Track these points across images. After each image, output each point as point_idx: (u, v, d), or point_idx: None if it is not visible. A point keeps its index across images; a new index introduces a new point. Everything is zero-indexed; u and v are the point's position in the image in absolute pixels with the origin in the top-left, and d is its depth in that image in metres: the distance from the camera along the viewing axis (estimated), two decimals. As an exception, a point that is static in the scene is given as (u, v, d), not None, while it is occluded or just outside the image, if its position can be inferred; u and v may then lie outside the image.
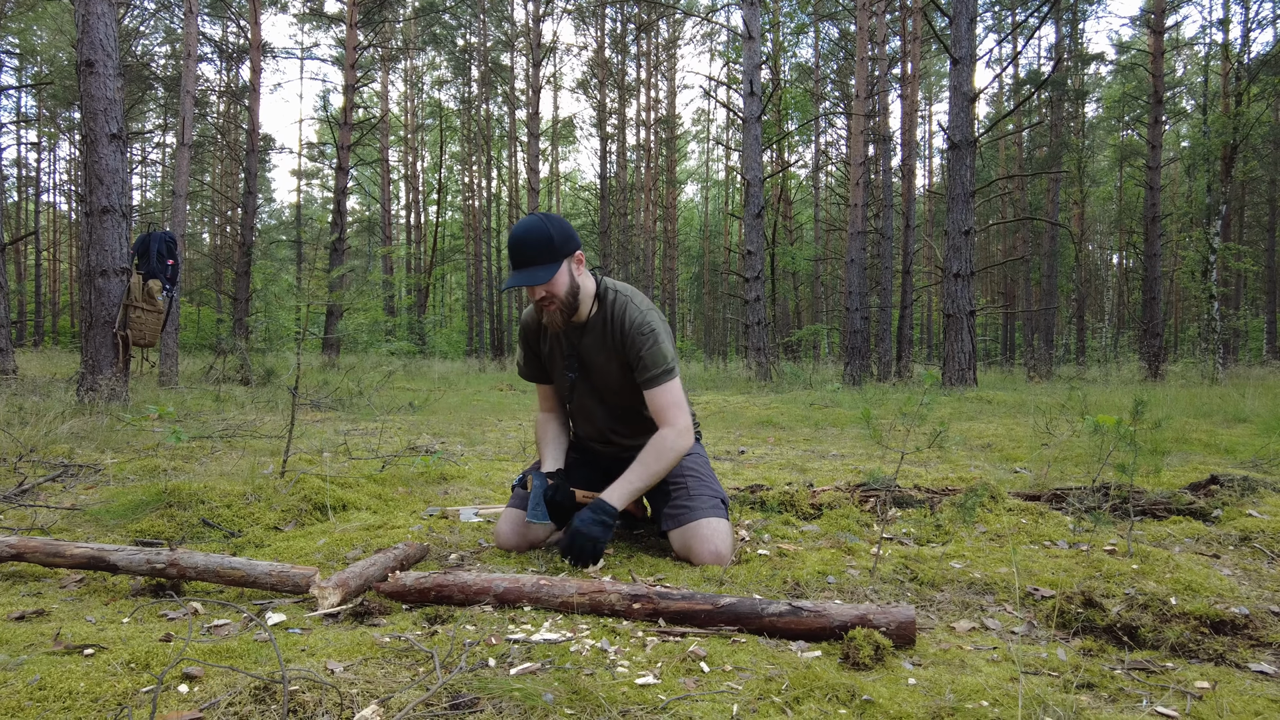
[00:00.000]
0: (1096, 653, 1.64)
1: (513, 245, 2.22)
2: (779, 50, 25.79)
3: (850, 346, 15.29)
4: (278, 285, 14.74)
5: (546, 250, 2.21)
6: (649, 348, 2.31)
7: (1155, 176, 16.74)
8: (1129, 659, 1.60)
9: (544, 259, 2.21)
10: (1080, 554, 2.28)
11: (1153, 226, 16.76)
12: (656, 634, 1.67)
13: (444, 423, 6.78)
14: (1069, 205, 27.21)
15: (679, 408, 2.34)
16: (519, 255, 2.22)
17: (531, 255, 2.20)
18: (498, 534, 2.41)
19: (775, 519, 2.72)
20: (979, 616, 1.86)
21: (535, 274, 2.21)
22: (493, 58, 30.23)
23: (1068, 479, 3.67)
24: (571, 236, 2.27)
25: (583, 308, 2.35)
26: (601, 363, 2.40)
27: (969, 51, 11.36)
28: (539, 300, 2.27)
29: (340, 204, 18.23)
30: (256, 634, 1.64)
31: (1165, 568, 2.09)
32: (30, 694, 1.29)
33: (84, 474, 3.63)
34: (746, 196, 14.30)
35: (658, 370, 2.31)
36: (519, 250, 2.21)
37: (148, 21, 23.24)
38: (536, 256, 2.21)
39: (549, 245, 2.21)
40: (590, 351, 2.40)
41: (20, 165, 30.94)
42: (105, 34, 6.53)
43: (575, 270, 2.29)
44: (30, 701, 1.27)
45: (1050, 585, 2.02)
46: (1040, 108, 25.38)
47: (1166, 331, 24.27)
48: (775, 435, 6.08)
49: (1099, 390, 9.48)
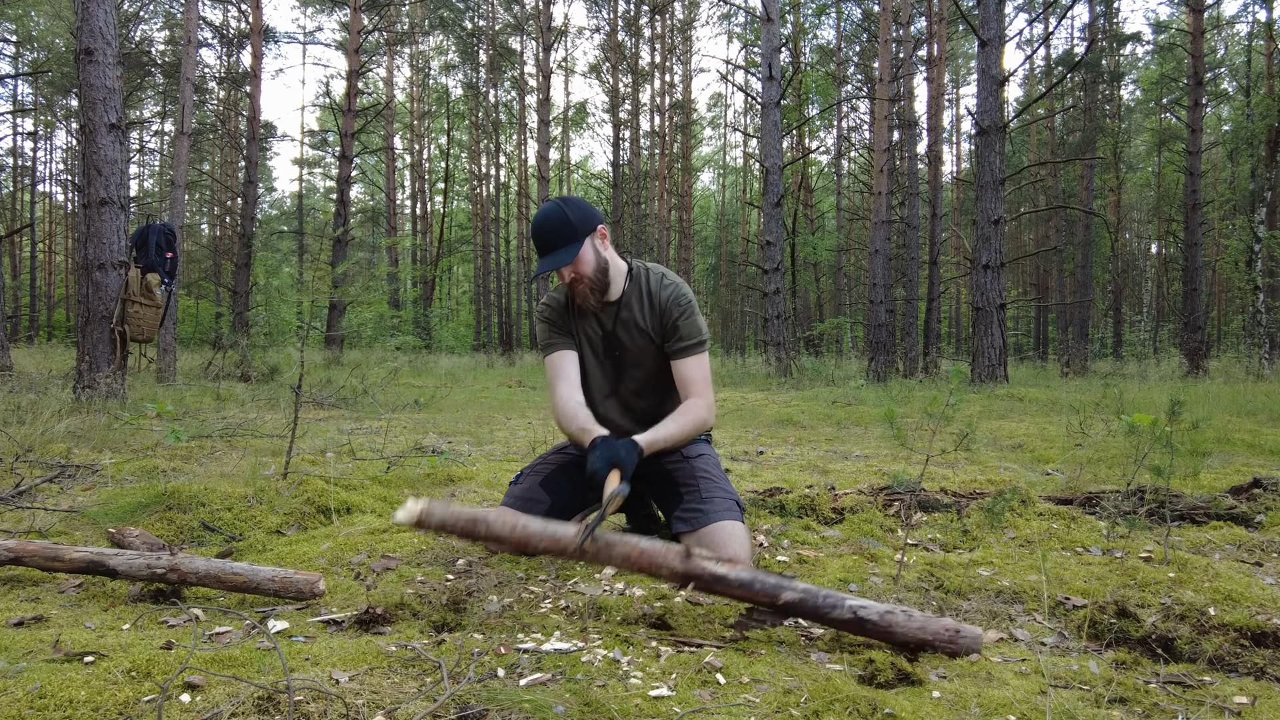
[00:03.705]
0: (1130, 665, 1.64)
1: (535, 234, 2.32)
2: (799, 32, 25.67)
3: (874, 341, 15.22)
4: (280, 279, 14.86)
5: (566, 231, 2.29)
6: (686, 318, 2.39)
7: (1196, 161, 16.55)
8: (1164, 672, 1.60)
9: (565, 240, 2.29)
10: (1114, 561, 2.26)
11: (1193, 214, 16.58)
12: (671, 644, 1.68)
13: (451, 421, 6.81)
14: (1104, 192, 26.94)
15: (708, 383, 2.41)
16: (541, 242, 2.31)
17: (553, 239, 2.29)
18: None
19: (795, 524, 2.72)
20: (1007, 626, 1.86)
21: (559, 257, 2.29)
22: (501, 41, 30.27)
23: (1102, 482, 3.64)
24: (591, 214, 2.35)
25: (614, 285, 2.42)
26: (636, 340, 2.45)
27: (998, 32, 11.27)
28: (570, 282, 2.35)
29: (344, 194, 18.31)
30: (259, 642, 1.66)
31: (1204, 576, 2.08)
32: (30, 702, 1.31)
33: (81, 474, 3.68)
34: (765, 184, 14.26)
35: (692, 340, 2.39)
36: (540, 237, 2.31)
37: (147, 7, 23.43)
38: (558, 240, 2.29)
39: (568, 226, 2.29)
40: (625, 328, 2.45)
41: (16, 155, 31.26)
42: (105, 21, 6.59)
43: (600, 245, 2.37)
44: (30, 710, 1.29)
45: (1082, 594, 2.01)
46: (1074, 90, 25.12)
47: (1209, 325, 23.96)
48: (795, 434, 6.07)
49: (1136, 387, 9.40)
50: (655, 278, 2.44)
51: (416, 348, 19.78)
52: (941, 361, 16.70)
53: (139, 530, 2.48)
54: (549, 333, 2.52)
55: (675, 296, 2.40)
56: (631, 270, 2.46)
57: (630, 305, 2.43)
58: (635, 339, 2.44)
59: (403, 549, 2.42)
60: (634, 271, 2.46)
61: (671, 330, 2.40)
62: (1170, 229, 24.67)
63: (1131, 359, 19.08)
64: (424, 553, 2.40)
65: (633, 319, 2.43)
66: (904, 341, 18.13)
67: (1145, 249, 37.55)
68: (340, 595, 2.02)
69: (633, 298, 2.43)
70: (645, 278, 2.45)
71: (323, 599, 1.95)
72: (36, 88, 29.77)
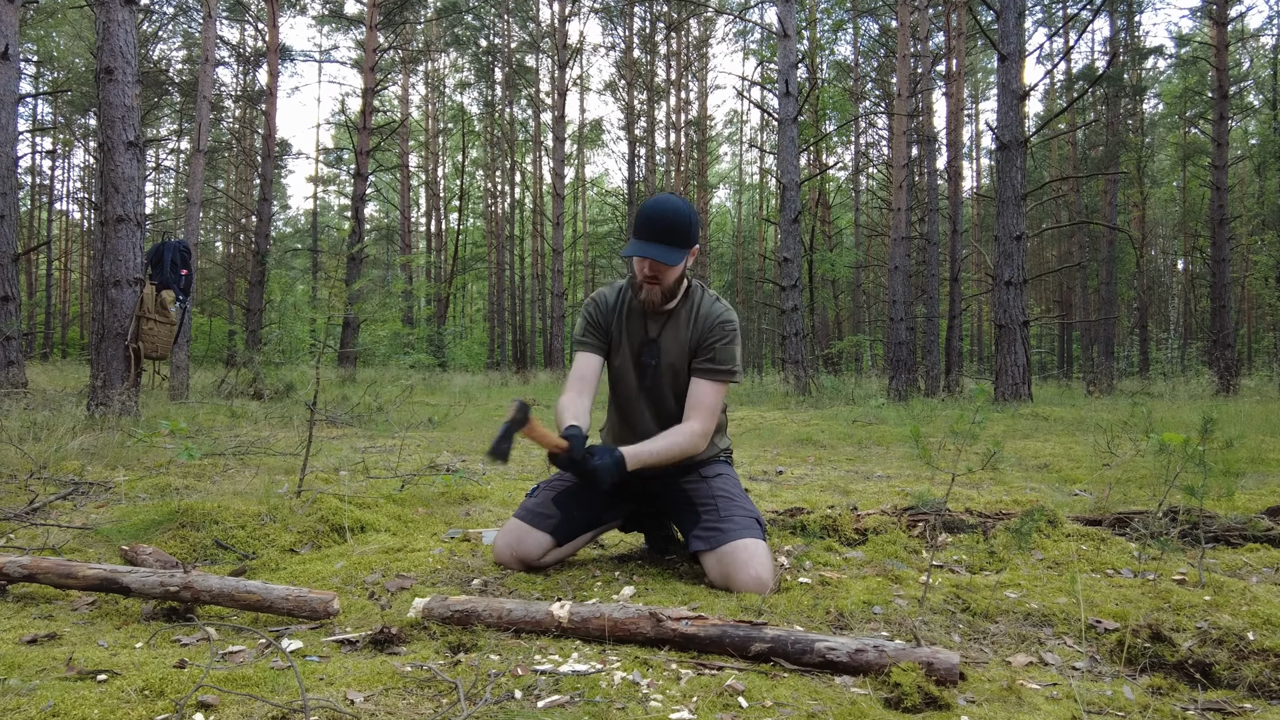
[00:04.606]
0: (1166, 691, 1.60)
1: (654, 216, 2.32)
2: (816, 48, 25.76)
3: (895, 359, 15.14)
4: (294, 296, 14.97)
5: (684, 233, 2.35)
6: (725, 342, 2.44)
7: (1222, 176, 16.43)
8: (1202, 699, 1.56)
9: (679, 241, 2.34)
10: (1147, 583, 2.23)
11: (1220, 229, 16.44)
12: (692, 666, 1.66)
13: (465, 439, 6.82)
14: (1128, 207, 26.77)
15: (712, 413, 2.43)
16: (658, 228, 2.32)
17: (669, 233, 2.33)
18: (495, 547, 2.47)
19: (817, 545, 2.69)
20: (1037, 650, 1.83)
21: (670, 253, 2.34)
22: (517, 59, 30.56)
23: (1132, 502, 3.59)
24: (698, 230, 2.42)
25: (675, 297, 2.49)
26: (674, 351, 2.49)
27: (1017, 47, 11.27)
28: (647, 276, 2.38)
29: (358, 211, 18.48)
30: (273, 661, 1.66)
31: (1241, 599, 2.04)
32: (43, 721, 1.31)
33: (95, 492, 3.70)
34: (782, 201, 14.27)
35: (721, 367, 2.43)
36: (661, 223, 2.32)
37: (166, 26, 23.86)
38: (674, 236, 2.34)
39: (687, 231, 2.36)
40: (668, 340, 2.50)
41: (34, 173, 31.80)
42: (125, 41, 6.71)
43: (689, 262, 2.44)
44: (43, 729, 1.29)
45: (1114, 617, 1.98)
46: (1095, 104, 25.04)
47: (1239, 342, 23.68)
48: (815, 454, 6.04)
49: (1165, 405, 9.29)
50: (709, 299, 2.52)
51: (430, 366, 19.84)
52: (964, 380, 16.57)
53: (152, 548, 2.49)
54: (585, 329, 2.57)
55: (722, 320, 2.46)
56: (690, 287, 2.53)
57: (679, 317, 2.50)
58: (673, 350, 2.49)
59: (417, 568, 2.41)
60: (692, 288, 2.53)
61: (705, 349, 2.45)
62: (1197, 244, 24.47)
63: (1159, 377, 18.88)
64: (439, 572, 2.39)
65: (677, 331, 2.49)
66: (925, 359, 18.01)
67: (1171, 265, 37.22)
68: (354, 615, 2.01)
69: (683, 310, 2.50)
70: (700, 296, 2.52)
71: (337, 618, 1.94)
72: (56, 107, 30.32)
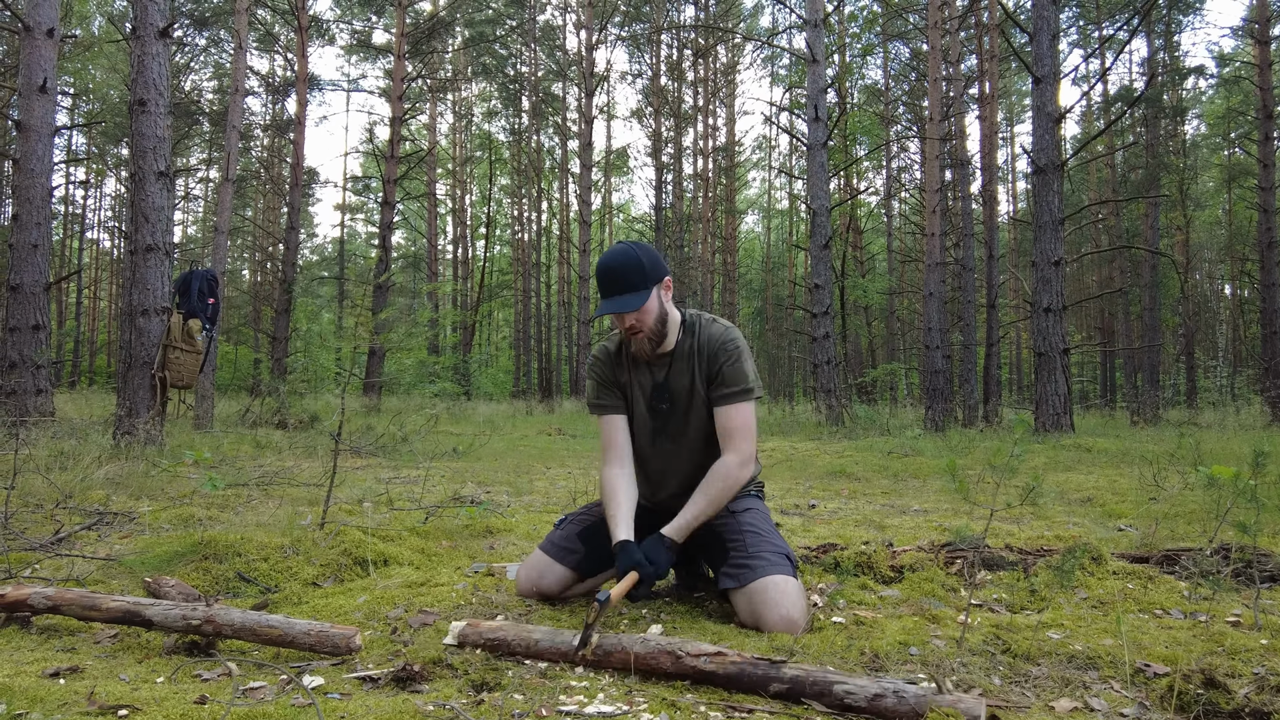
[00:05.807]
0: (1222, 741, 1.55)
1: (602, 272, 2.31)
2: (845, 72, 25.89)
3: (931, 388, 14.98)
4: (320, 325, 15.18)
5: (637, 277, 2.30)
6: (731, 363, 2.38)
7: (1269, 198, 16.18)
8: (1261, 750, 1.51)
9: (633, 285, 2.30)
10: (1198, 625, 2.16)
11: (1269, 252, 16.15)
12: (721, 708, 1.63)
13: (489, 470, 6.83)
14: (1171, 231, 26.42)
15: (747, 434, 2.38)
16: (609, 283, 2.30)
17: (621, 282, 2.29)
18: (517, 579, 2.48)
19: (851, 582, 2.65)
20: (1082, 695, 1.78)
21: (626, 301, 2.29)
22: (544, 88, 31.03)
23: (1180, 539, 3.50)
24: (661, 263, 2.36)
25: (670, 336, 2.43)
26: (687, 390, 2.45)
27: (1052, 69, 11.23)
28: (627, 329, 2.35)
29: (385, 239, 18.77)
30: (294, 698, 1.66)
31: (1300, 644, 1.97)
32: (63, 758, 1.32)
33: (119, 522, 3.75)
34: (813, 226, 14.27)
35: (735, 388, 2.38)
36: (609, 277, 2.30)
37: (197, 58, 24.55)
38: (626, 284, 2.29)
39: (639, 271, 2.30)
40: (677, 379, 2.45)
41: (67, 203, 32.69)
42: (158, 73, 6.93)
43: (664, 297, 2.38)
44: (62, 767, 1.30)
45: (1164, 661, 1.92)
46: (1134, 126, 24.85)
47: (1289, 371, 23.10)
48: (849, 487, 5.97)
49: (1214, 436, 9.09)
50: (706, 323, 2.46)
51: (455, 395, 19.98)
52: (1003, 410, 16.34)
53: (175, 580, 2.51)
54: (597, 390, 2.54)
55: (724, 341, 2.40)
56: (685, 320, 2.47)
57: (683, 355, 2.44)
58: (685, 389, 2.45)
59: (440, 603, 2.41)
60: (687, 322, 2.47)
61: (716, 375, 2.40)
62: (1245, 268, 24.06)
63: (1207, 407, 18.46)
64: (462, 608, 2.38)
65: (685, 369, 2.44)
66: (962, 389, 17.79)
67: (1218, 290, 36.59)
68: (376, 651, 2.01)
69: (685, 347, 2.44)
70: (698, 327, 2.46)
71: (359, 654, 1.94)
72: (90, 137, 31.21)
